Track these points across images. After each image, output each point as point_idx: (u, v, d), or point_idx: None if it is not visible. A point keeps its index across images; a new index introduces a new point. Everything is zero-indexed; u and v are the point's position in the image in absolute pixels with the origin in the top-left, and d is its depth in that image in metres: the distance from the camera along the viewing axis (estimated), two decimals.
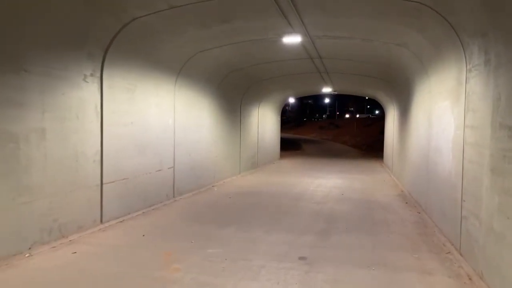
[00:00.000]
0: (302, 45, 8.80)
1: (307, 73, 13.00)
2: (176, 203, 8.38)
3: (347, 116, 70.72)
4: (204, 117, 10.49)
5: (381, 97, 17.20)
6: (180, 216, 7.20)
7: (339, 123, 54.70)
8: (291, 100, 58.30)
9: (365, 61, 10.31)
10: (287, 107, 64.12)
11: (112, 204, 6.58)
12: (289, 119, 66.97)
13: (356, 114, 55.77)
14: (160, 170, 8.11)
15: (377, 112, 68.84)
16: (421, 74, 8.03)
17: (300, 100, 67.13)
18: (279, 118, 20.74)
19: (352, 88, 18.24)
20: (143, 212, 7.30)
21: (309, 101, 75.08)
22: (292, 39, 8.00)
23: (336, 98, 75.74)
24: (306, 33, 7.70)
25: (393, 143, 14.64)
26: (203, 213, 7.49)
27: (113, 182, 6.58)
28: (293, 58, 10.48)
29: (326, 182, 12.16)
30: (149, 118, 7.68)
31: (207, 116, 10.73)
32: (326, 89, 17.23)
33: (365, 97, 65.98)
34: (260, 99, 15.95)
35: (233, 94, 12.67)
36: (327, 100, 76.65)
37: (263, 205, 8.28)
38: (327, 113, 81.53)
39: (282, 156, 21.72)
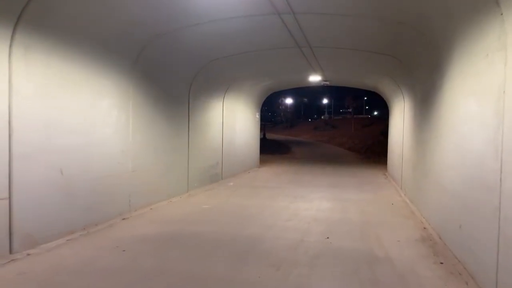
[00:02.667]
0: None
1: (282, 48, 9.01)
2: (3, 269, 4.35)
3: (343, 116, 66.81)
4: (105, 108, 6.48)
5: (385, 87, 13.19)
6: None
7: (335, 123, 50.84)
8: (289, 101, 54.38)
9: (363, 14, 6.33)
10: (280, 107, 60.22)
11: None
12: (282, 119, 62.97)
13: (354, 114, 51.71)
14: None
15: (375, 113, 64.84)
16: (475, 18, 4.05)
17: (295, 99, 63.23)
18: (257, 116, 16.71)
19: (348, 76, 14.24)
20: None
21: (304, 100, 71.01)
22: None
23: (333, 97, 71.98)
24: None
25: (403, 149, 10.65)
26: None
27: None
28: (247, 13, 6.48)
29: (308, 207, 8.16)
30: None
31: (115, 107, 6.72)
32: (315, 78, 13.21)
33: (364, 97, 62.03)
34: (223, 89, 11.93)
35: (170, 76, 8.64)
36: (325, 101, 72.86)
37: (165, 281, 4.26)
38: (325, 114, 77.65)
39: (264, 162, 17.74)
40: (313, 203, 8.60)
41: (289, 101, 56.97)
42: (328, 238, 5.81)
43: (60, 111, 5.48)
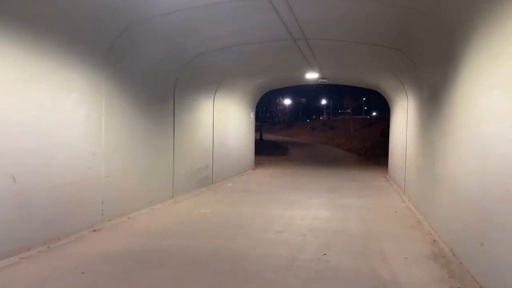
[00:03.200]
0: None
1: (275, 41, 8.23)
2: None
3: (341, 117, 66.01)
4: (72, 106, 5.69)
5: (387, 84, 12.44)
6: None
7: (334, 124, 50.10)
8: (287, 101, 53.50)
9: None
10: (278, 107, 59.48)
11: None
12: (280, 119, 62.23)
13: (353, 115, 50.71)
14: None
15: (374, 113, 63.96)
16: None
17: (293, 99, 62.54)
18: (252, 116, 15.94)
19: (347, 73, 13.47)
20: None
21: (303, 100, 70.20)
22: None
23: (332, 98, 71.28)
24: None
25: (406, 151, 9.90)
26: None
27: None
28: None
29: (304, 215, 7.39)
30: None
31: (84, 104, 5.94)
32: (312, 75, 12.45)
33: (363, 97, 61.12)
34: (214, 87, 11.16)
35: (151, 70, 7.81)
36: (323, 101, 72.11)
37: None
38: (324, 115, 76.84)
39: (259, 164, 16.98)
40: (310, 211, 7.83)
41: (287, 101, 56.27)
42: (325, 254, 5.04)
43: (14, 109, 4.71)
